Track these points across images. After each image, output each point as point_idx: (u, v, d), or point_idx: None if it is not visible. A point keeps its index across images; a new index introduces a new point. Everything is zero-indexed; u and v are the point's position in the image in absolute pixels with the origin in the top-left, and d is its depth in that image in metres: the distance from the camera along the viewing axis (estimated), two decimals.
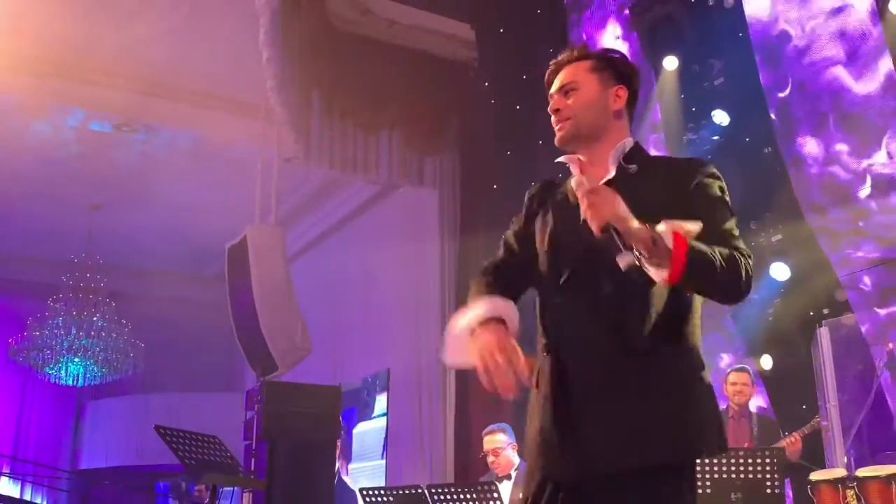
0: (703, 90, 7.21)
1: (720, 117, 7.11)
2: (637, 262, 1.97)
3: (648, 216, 2.00)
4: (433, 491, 5.13)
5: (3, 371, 13.32)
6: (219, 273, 10.68)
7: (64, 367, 11.86)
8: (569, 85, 2.35)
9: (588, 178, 2.11)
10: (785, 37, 6.75)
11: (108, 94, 9.24)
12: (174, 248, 12.40)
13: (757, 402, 6.49)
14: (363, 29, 8.68)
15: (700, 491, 5.08)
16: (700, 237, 2.00)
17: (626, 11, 7.91)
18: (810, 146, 6.63)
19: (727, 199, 2.24)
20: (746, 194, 6.81)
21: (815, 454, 5.80)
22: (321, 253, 12.08)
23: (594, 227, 2.02)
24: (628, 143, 2.32)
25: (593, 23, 8.43)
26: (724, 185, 2.26)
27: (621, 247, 1.99)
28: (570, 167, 2.42)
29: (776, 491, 5.01)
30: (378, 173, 9.32)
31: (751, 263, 2.09)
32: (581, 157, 2.38)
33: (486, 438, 5.82)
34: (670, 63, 7.29)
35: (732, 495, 5.00)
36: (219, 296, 10.44)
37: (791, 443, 5.55)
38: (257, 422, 8.61)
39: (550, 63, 2.43)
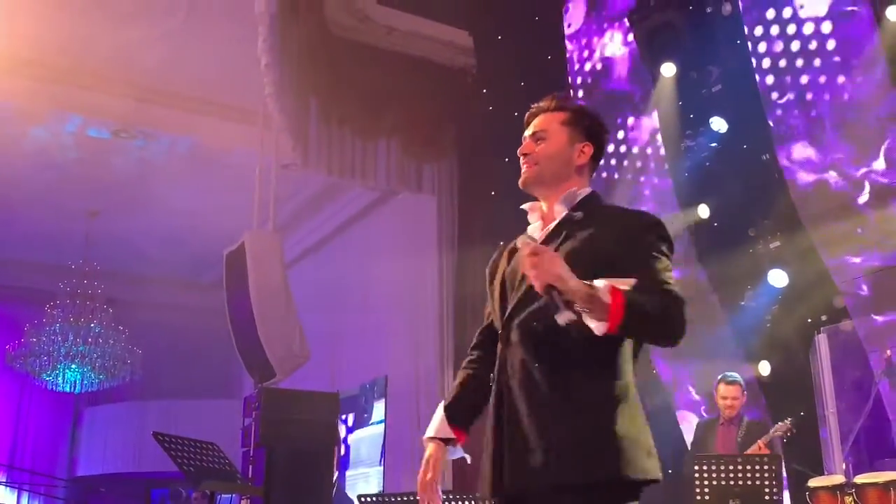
0: (701, 97, 7.22)
1: (718, 124, 7.11)
2: (576, 318, 2.13)
3: (587, 261, 2.23)
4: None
5: (0, 377, 13.29)
6: (217, 279, 10.67)
7: (61, 374, 11.84)
8: (540, 133, 2.56)
9: (531, 241, 2.32)
10: (783, 44, 6.76)
11: (106, 100, 9.25)
12: (172, 254, 12.39)
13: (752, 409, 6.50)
14: (361, 36, 8.69)
15: (699, 497, 5.09)
16: (638, 287, 2.17)
17: (625, 19, 7.92)
18: (808, 153, 6.64)
19: (668, 254, 2.34)
20: (744, 201, 6.84)
21: (813, 461, 5.80)
22: (319, 259, 12.08)
23: (537, 287, 2.17)
24: (583, 192, 2.49)
25: (591, 30, 8.44)
26: (669, 244, 2.36)
27: (560, 305, 2.13)
28: (529, 216, 2.62)
29: (775, 498, 5.01)
30: (376, 180, 9.33)
31: (685, 309, 2.23)
32: (541, 201, 2.58)
33: None
34: (668, 70, 7.30)
35: (731, 502, 5.00)
36: (217, 302, 10.43)
37: (758, 448, 5.55)
38: (255, 428, 8.60)
39: (531, 106, 2.63)
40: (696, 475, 5.10)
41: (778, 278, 6.62)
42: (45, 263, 12.39)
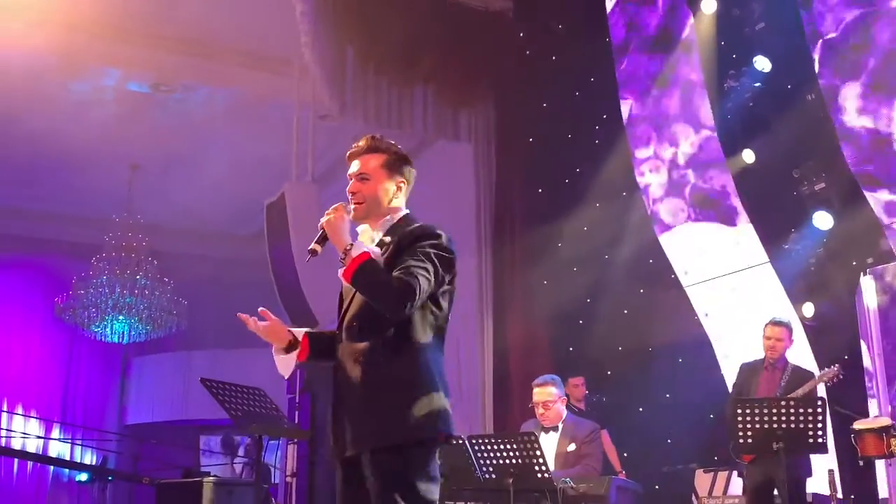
0: (743, 35, 7.06)
1: (762, 63, 6.96)
2: (316, 251, 2.93)
3: (387, 266, 2.87)
4: (473, 441, 5.17)
5: (50, 329, 13.60)
6: (258, 230, 10.77)
7: (109, 325, 12.07)
8: (364, 174, 3.08)
9: (328, 219, 2.94)
10: None
11: (144, 54, 9.28)
12: (213, 206, 12.50)
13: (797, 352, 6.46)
14: None
15: (741, 440, 5.09)
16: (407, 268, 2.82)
17: None
18: (854, 92, 6.48)
19: (429, 251, 2.91)
20: (788, 142, 6.72)
21: (858, 403, 5.76)
22: None
23: (321, 226, 2.94)
24: (393, 218, 3.09)
25: None
26: (434, 243, 2.95)
27: (318, 243, 2.93)
28: (360, 236, 3.12)
29: (819, 440, 4.99)
30: (413, 128, 9.29)
31: (408, 296, 2.78)
32: (369, 226, 3.12)
33: (536, 390, 5.82)
34: (708, 6, 7.13)
35: (774, 445, 4.99)
36: (258, 253, 10.55)
37: (806, 394, 5.50)
38: (299, 376, 8.75)
39: (347, 153, 3.17)
40: (739, 418, 5.07)
41: (823, 220, 6.51)
42: (90, 217, 12.57)
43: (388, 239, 3.02)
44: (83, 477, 13.06)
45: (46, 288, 13.15)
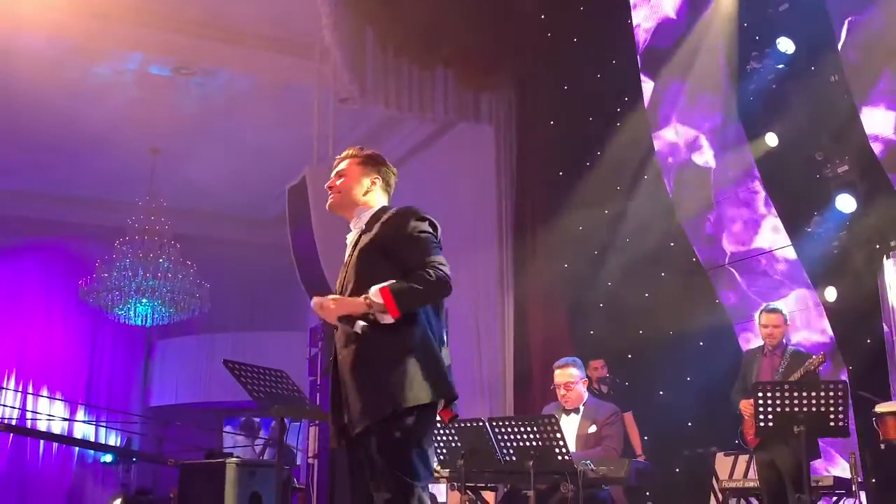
0: (766, 17, 6.99)
1: (785, 45, 6.89)
2: (368, 323, 3.01)
3: (371, 254, 3.16)
4: (494, 423, 5.20)
5: (74, 312, 13.74)
6: (280, 214, 10.81)
7: (133, 308, 12.18)
8: (341, 172, 3.42)
9: (315, 301, 3.12)
10: None
11: (166, 37, 9.32)
12: (235, 189, 12.55)
13: (816, 336, 6.43)
14: None
15: (762, 424, 5.09)
16: (406, 268, 3.06)
17: None
18: (877, 74, 6.41)
19: (422, 237, 3.14)
20: (812, 125, 6.66)
21: (880, 387, 5.74)
22: None
23: (331, 322, 3.14)
24: (371, 210, 3.34)
25: None
26: (429, 222, 3.20)
27: (351, 323, 3.03)
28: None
29: (840, 424, 4.98)
30: (434, 111, 9.28)
31: (443, 270, 3.04)
32: (347, 218, 3.41)
33: (557, 372, 5.84)
34: None
35: (795, 428, 4.98)
36: (280, 236, 10.59)
37: (799, 376, 5.50)
38: (321, 358, 8.82)
39: (336, 158, 3.50)
40: (760, 402, 5.07)
41: (846, 203, 6.46)
42: (113, 200, 12.67)
43: (364, 227, 3.28)
44: (108, 458, 13.23)
45: (70, 271, 13.27)
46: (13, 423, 10.74)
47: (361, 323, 3.01)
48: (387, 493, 2.94)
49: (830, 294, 6.45)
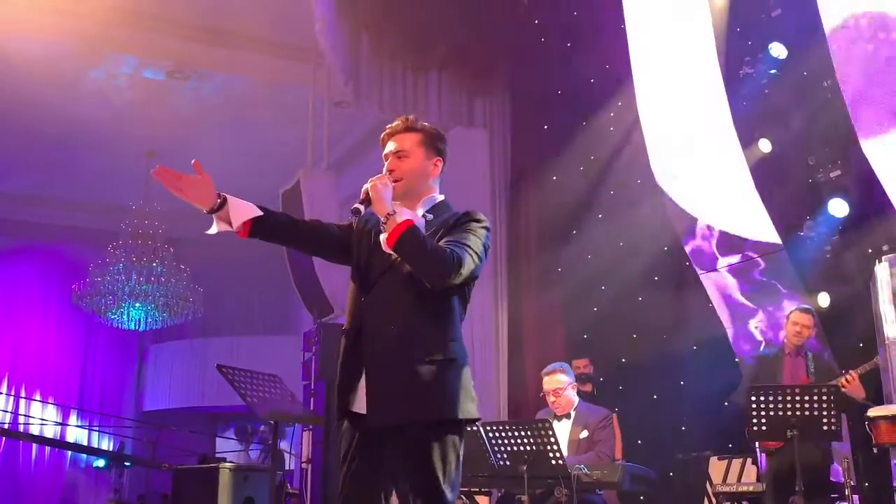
0: (759, 22, 7.01)
1: (777, 50, 6.92)
2: (361, 208, 2.82)
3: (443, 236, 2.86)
4: (488, 428, 5.20)
5: (67, 316, 13.71)
6: None
7: (126, 312, 12.17)
8: (402, 152, 3.01)
9: (373, 182, 2.87)
10: None
11: (160, 41, 9.32)
12: (229, 193, 12.50)
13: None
14: None
15: (756, 428, 5.09)
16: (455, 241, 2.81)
17: None
18: (870, 79, 6.43)
19: (479, 232, 2.92)
20: (804, 129, 6.69)
21: (873, 391, 5.75)
22: None
23: (364, 192, 2.85)
24: (436, 198, 3.06)
25: None
26: (484, 226, 2.96)
27: (363, 204, 2.83)
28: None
29: (833, 428, 4.99)
30: (427, 115, 9.28)
31: (457, 265, 2.75)
32: (402, 203, 3.01)
33: (545, 378, 5.84)
34: None
35: (788, 432, 5.00)
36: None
37: (848, 381, 5.48)
38: (315, 362, 8.80)
39: (386, 127, 3.08)
40: (753, 406, 5.08)
41: (838, 207, 6.48)
42: (107, 204, 12.66)
43: (430, 216, 2.99)
44: (100, 463, 13.19)
45: (63, 275, 13.26)
46: (5, 426, 10.70)
47: (360, 206, 2.83)
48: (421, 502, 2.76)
49: (824, 300, 6.47)
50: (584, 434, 5.62)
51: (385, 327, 2.81)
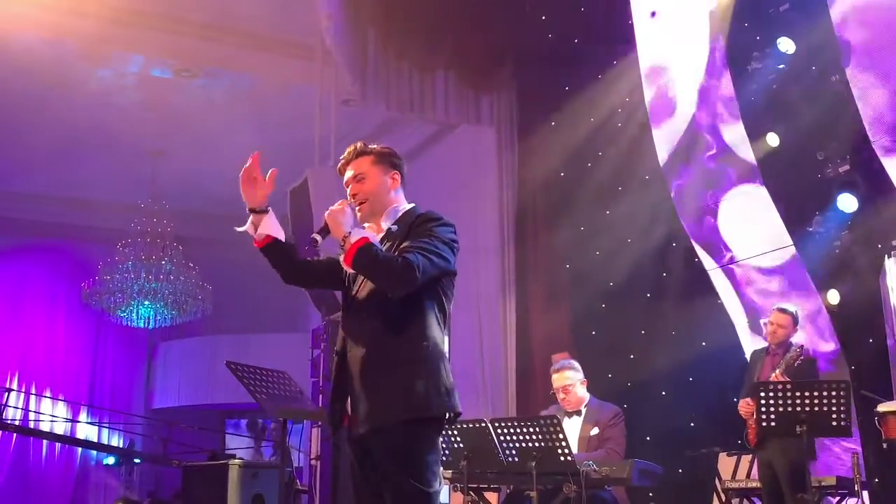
0: (767, 17, 6.99)
1: (786, 45, 6.89)
2: (319, 240, 3.04)
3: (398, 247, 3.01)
4: (496, 424, 5.20)
5: (77, 314, 13.76)
6: (281, 215, 10.77)
7: (135, 310, 12.20)
8: (359, 175, 3.23)
9: (330, 211, 3.07)
10: None
11: (167, 40, 9.33)
12: (237, 191, 12.51)
13: (817, 337, 6.43)
14: None
15: (765, 424, 5.10)
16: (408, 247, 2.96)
17: None
18: (879, 73, 6.41)
19: (436, 231, 3.04)
20: (813, 124, 6.66)
21: (883, 387, 5.74)
22: None
23: (323, 222, 3.05)
24: (399, 209, 3.22)
25: None
26: (441, 223, 3.08)
27: (320, 235, 3.04)
28: (367, 230, 3.19)
29: (842, 424, 4.99)
30: (434, 113, 9.29)
31: (418, 265, 2.89)
32: (371, 223, 3.24)
33: (554, 376, 5.84)
34: None
35: (798, 428, 4.99)
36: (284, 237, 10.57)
37: (774, 378, 5.51)
38: (323, 359, 8.82)
39: (340, 159, 3.32)
40: (763, 402, 5.09)
41: (847, 202, 6.46)
42: (116, 202, 12.68)
43: (395, 228, 3.16)
44: (111, 460, 13.24)
45: (73, 273, 13.31)
46: (17, 423, 10.74)
47: (317, 236, 3.04)
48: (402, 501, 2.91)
49: (833, 297, 6.45)
50: (595, 431, 5.63)
51: (359, 343, 3.03)
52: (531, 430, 5.04)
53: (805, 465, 5.19)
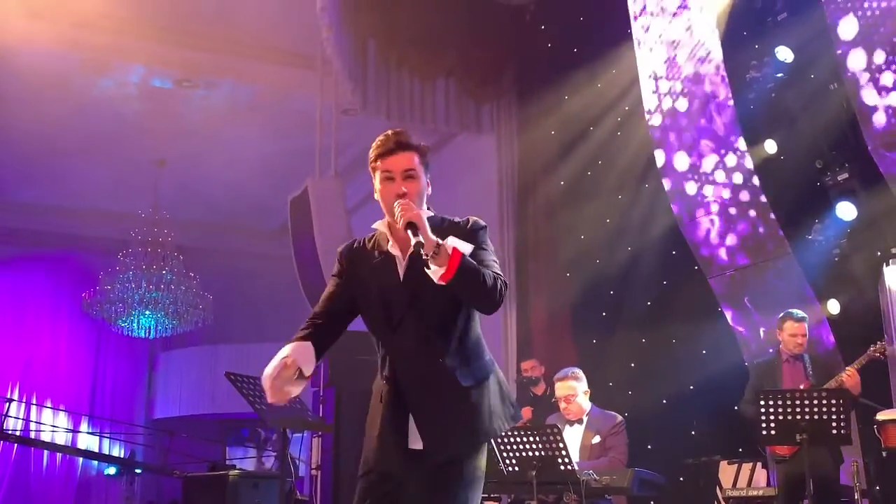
0: (766, 26, 7.02)
1: (784, 54, 6.91)
2: (419, 241, 2.55)
3: None
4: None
5: (78, 324, 13.76)
6: (282, 225, 10.85)
7: (136, 320, 12.21)
8: (410, 171, 2.78)
9: (413, 209, 2.65)
10: None
11: (168, 50, 9.38)
12: (237, 201, 12.59)
13: (823, 345, 6.42)
14: None
15: (765, 433, 5.09)
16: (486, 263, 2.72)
17: None
18: (879, 81, 6.42)
19: (489, 242, 2.86)
20: (811, 133, 6.68)
21: (882, 394, 5.74)
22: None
23: (402, 223, 2.62)
24: (429, 215, 2.80)
25: None
26: (486, 234, 2.88)
27: (413, 235, 2.56)
28: (383, 231, 2.87)
29: (842, 431, 4.98)
30: (435, 122, 9.32)
31: (505, 290, 2.71)
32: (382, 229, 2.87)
33: (557, 385, 5.84)
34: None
35: (797, 436, 4.99)
36: (283, 248, 10.62)
37: (848, 376, 5.43)
38: (324, 369, 8.81)
39: (391, 135, 2.84)
40: (763, 410, 5.07)
41: (846, 211, 6.47)
42: (117, 212, 12.71)
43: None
44: (112, 471, 13.23)
45: (74, 283, 13.32)
46: (18, 433, 10.75)
47: (418, 239, 2.55)
48: None
49: (833, 307, 6.44)
50: (597, 439, 5.62)
51: (419, 367, 2.75)
52: (531, 439, 5.04)
53: (837, 476, 5.17)
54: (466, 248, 2.66)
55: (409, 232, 2.57)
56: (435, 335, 2.74)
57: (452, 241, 2.61)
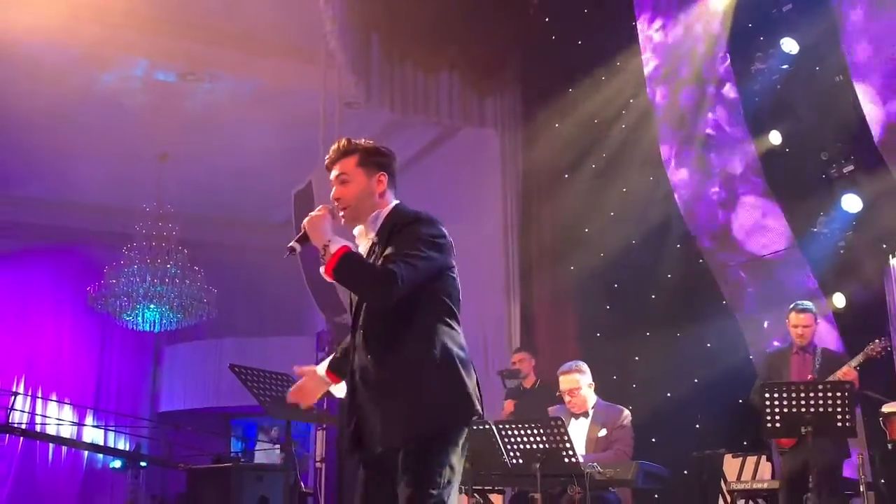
0: (771, 17, 6.99)
1: (789, 45, 6.89)
2: (297, 249, 2.97)
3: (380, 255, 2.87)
4: (500, 426, 5.20)
5: (82, 318, 13.78)
6: (286, 218, 10.84)
7: (141, 314, 12.21)
8: (343, 176, 3.04)
9: (310, 217, 2.98)
10: None
11: (171, 43, 9.37)
12: (242, 194, 12.59)
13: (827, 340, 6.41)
14: None
15: (769, 425, 5.08)
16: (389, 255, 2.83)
17: None
18: (884, 72, 6.39)
19: (417, 232, 2.89)
20: (816, 125, 6.65)
21: (887, 388, 5.73)
22: None
23: (302, 229, 2.96)
24: (381, 214, 3.02)
25: None
26: (425, 223, 2.93)
27: (298, 243, 2.97)
28: (357, 239, 3.08)
29: (847, 424, 4.97)
30: (438, 115, 9.30)
31: (400, 272, 2.76)
32: (361, 225, 3.07)
33: (561, 378, 5.84)
34: None
35: (802, 429, 4.98)
36: (287, 240, 10.59)
37: (843, 374, 5.44)
38: None
39: (325, 158, 3.14)
40: (767, 403, 5.07)
41: (852, 203, 6.44)
42: (121, 206, 12.70)
43: (376, 238, 3.00)
44: (117, 464, 13.25)
45: (78, 277, 13.32)
46: (23, 427, 10.77)
47: (296, 244, 2.97)
48: None
49: (839, 301, 6.43)
50: (603, 432, 5.63)
51: (364, 360, 2.91)
52: (535, 431, 5.04)
53: (840, 466, 5.16)
54: (351, 250, 2.85)
55: (299, 241, 2.96)
56: (369, 333, 2.91)
57: (340, 242, 2.84)
